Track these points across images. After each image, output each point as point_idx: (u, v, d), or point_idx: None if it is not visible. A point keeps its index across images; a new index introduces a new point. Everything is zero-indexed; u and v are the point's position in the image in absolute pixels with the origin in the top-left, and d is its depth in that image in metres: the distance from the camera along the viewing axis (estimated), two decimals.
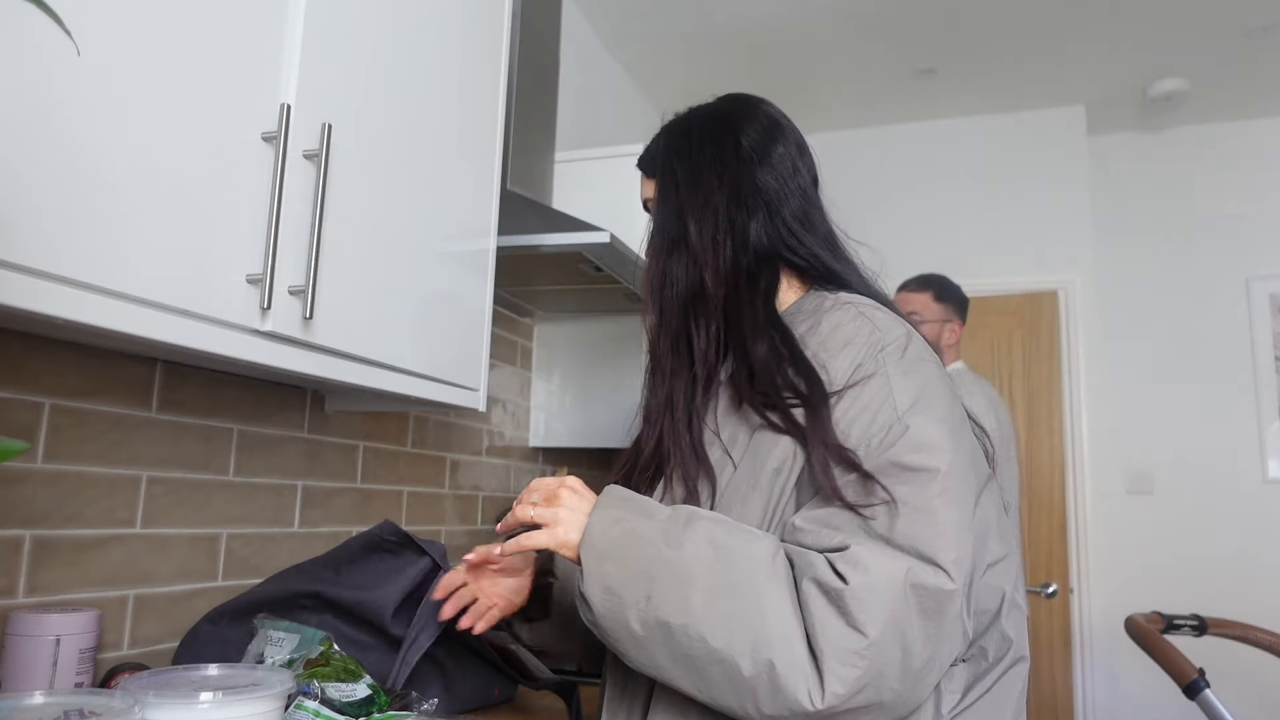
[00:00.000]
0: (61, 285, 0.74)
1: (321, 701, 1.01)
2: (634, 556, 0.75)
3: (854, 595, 0.68)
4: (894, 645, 0.68)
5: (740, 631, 0.70)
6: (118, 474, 1.16)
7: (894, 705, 0.71)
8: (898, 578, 0.69)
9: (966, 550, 0.72)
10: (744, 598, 0.71)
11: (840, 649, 0.68)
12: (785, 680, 0.68)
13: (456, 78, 1.42)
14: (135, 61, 0.82)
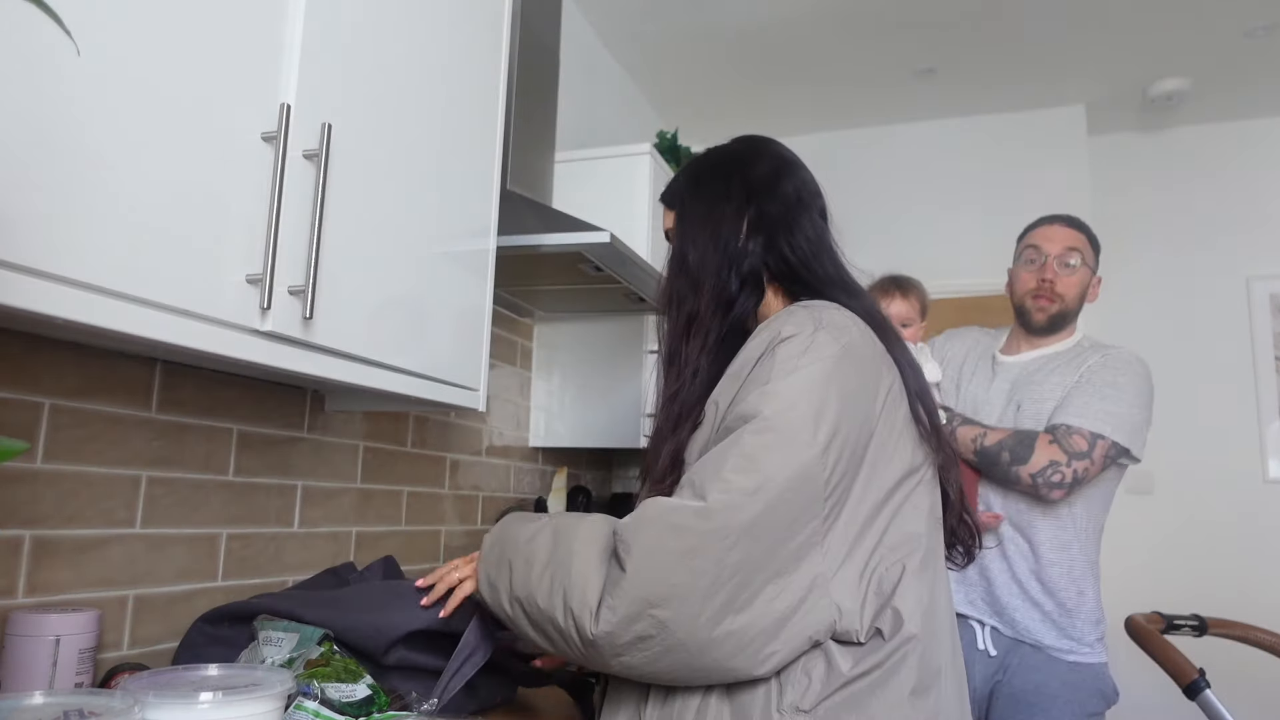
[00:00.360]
0: (61, 285, 0.74)
1: (321, 701, 1.01)
2: (503, 553, 0.95)
3: (622, 538, 0.82)
4: (652, 576, 0.78)
5: (556, 592, 0.85)
6: (118, 474, 1.16)
7: (681, 641, 0.79)
8: (653, 515, 0.81)
9: (756, 489, 0.79)
10: (562, 566, 0.86)
11: (612, 585, 0.81)
12: (578, 619, 0.82)
13: (456, 78, 1.42)
14: (135, 61, 0.82)
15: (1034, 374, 1.76)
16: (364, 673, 1.10)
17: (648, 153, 2.33)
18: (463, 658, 1.11)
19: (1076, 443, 1.60)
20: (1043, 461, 1.59)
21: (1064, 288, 1.75)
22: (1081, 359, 1.73)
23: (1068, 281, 1.75)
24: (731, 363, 0.94)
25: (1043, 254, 1.77)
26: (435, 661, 1.15)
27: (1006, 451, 1.63)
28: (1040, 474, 1.59)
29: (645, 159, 2.33)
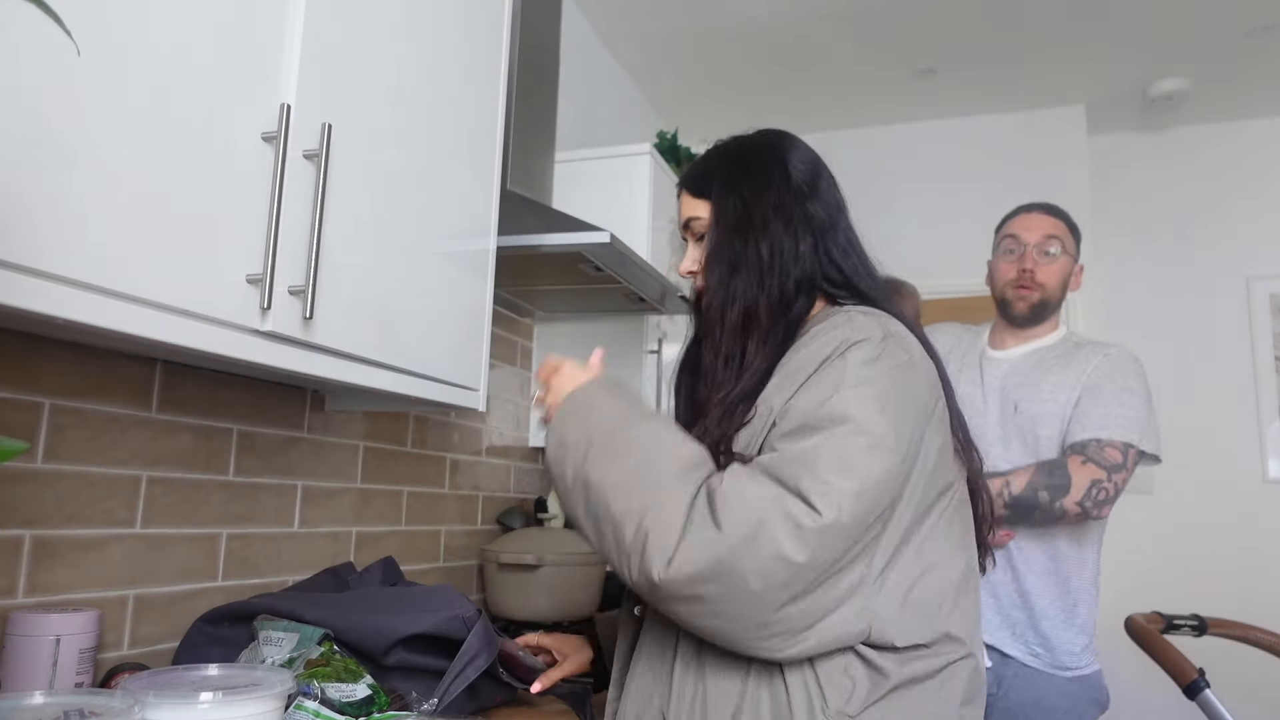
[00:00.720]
0: (61, 285, 0.74)
1: (321, 701, 1.01)
2: (591, 423, 0.90)
3: (724, 497, 0.79)
4: (746, 555, 0.76)
5: (637, 505, 0.82)
6: (118, 474, 1.16)
7: (736, 613, 0.78)
8: (768, 495, 0.79)
9: (849, 504, 0.79)
10: (651, 481, 0.83)
11: (698, 539, 0.78)
12: (648, 552, 0.79)
13: (456, 78, 1.42)
14: (135, 62, 0.82)
15: (1029, 371, 1.71)
16: (364, 673, 1.10)
17: (648, 153, 2.33)
18: (465, 660, 1.11)
19: (1111, 455, 1.56)
20: (1084, 484, 1.54)
21: (1045, 276, 1.71)
22: (1081, 359, 1.67)
23: (1049, 270, 1.71)
24: (784, 361, 0.93)
25: (1022, 243, 1.73)
26: (435, 662, 1.15)
27: (1043, 490, 1.55)
28: (1086, 498, 1.54)
29: (645, 159, 2.33)
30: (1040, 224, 1.74)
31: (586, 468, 0.86)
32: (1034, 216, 1.76)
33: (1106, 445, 1.56)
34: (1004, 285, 1.75)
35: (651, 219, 2.31)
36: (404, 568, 1.78)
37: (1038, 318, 1.74)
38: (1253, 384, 3.51)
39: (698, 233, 1.08)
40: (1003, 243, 1.78)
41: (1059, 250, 1.72)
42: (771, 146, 1.07)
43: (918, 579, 0.87)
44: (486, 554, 1.99)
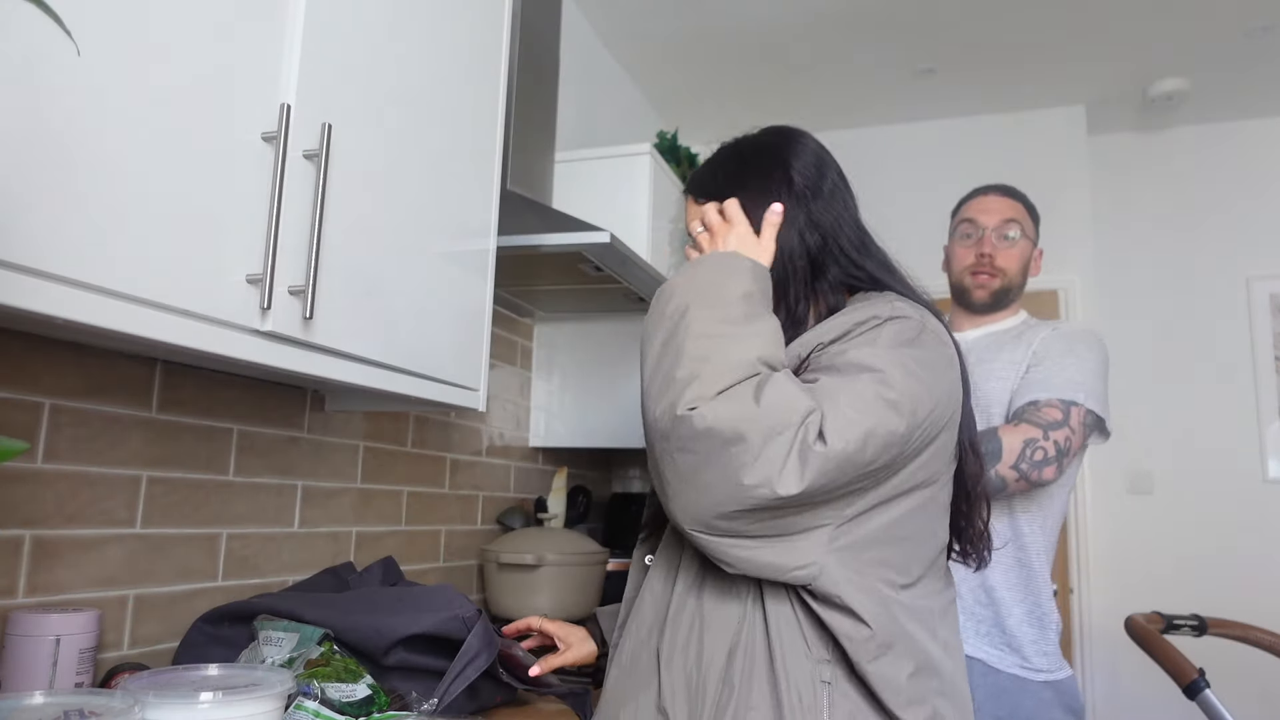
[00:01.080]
0: (61, 285, 0.74)
1: (321, 701, 1.01)
2: (723, 280, 0.92)
3: (775, 384, 0.83)
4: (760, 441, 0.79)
5: (703, 351, 0.85)
6: (118, 474, 1.16)
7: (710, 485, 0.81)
8: (802, 408, 0.81)
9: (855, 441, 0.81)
10: (730, 343, 0.86)
11: (735, 401, 0.81)
12: (691, 390, 0.83)
13: (456, 78, 1.42)
14: (135, 61, 0.82)
15: (981, 352, 1.63)
16: (364, 673, 1.10)
17: (648, 153, 2.33)
18: (465, 660, 1.11)
19: (1048, 414, 1.46)
20: (1016, 446, 1.43)
21: (1005, 261, 1.63)
22: (1032, 334, 1.60)
23: (1008, 255, 1.63)
24: (823, 325, 0.96)
25: (979, 227, 1.65)
26: (435, 662, 1.15)
27: (992, 466, 1.46)
28: (1021, 459, 1.42)
29: (645, 159, 2.33)
30: (998, 206, 1.65)
31: (692, 304, 0.89)
32: (991, 199, 1.67)
33: (1045, 405, 1.47)
34: (961, 271, 1.67)
35: (651, 219, 2.31)
36: (404, 568, 1.78)
37: (998, 304, 1.66)
38: (1253, 384, 3.51)
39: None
40: (959, 227, 1.70)
41: (1018, 234, 1.64)
42: (773, 148, 1.07)
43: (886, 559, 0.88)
44: (486, 554, 1.99)
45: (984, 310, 1.67)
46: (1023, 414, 1.48)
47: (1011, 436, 1.43)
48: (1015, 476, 1.43)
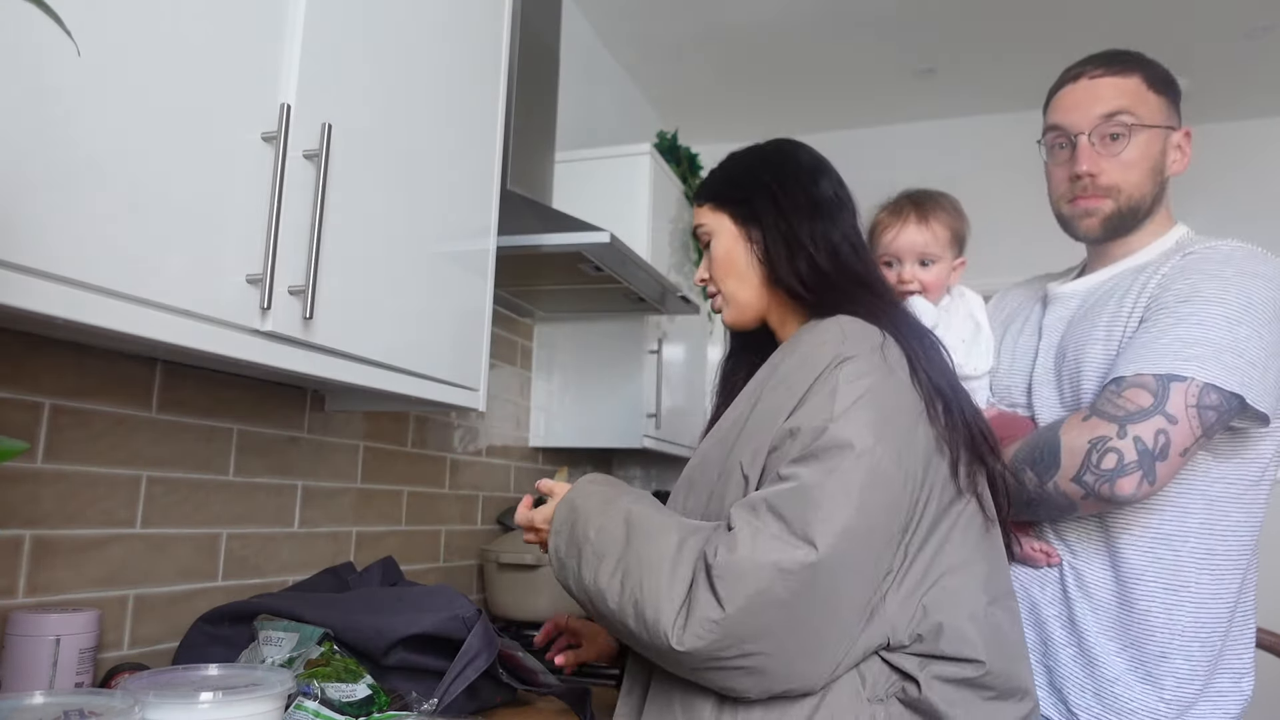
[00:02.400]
0: (61, 285, 0.74)
1: (321, 701, 1.01)
2: (574, 535, 0.94)
3: (719, 572, 0.80)
4: (751, 621, 0.78)
5: (628, 599, 0.85)
6: (118, 474, 1.16)
7: (779, 674, 0.81)
8: (765, 561, 0.79)
9: (853, 528, 0.80)
10: (633, 575, 0.85)
11: (702, 616, 0.79)
12: (654, 631, 0.82)
13: (456, 78, 1.42)
14: (135, 61, 0.82)
15: (1096, 303, 1.18)
16: (364, 673, 1.10)
17: (648, 153, 2.33)
18: (465, 661, 1.11)
19: (1131, 399, 1.02)
20: (1079, 449, 1.03)
21: (1113, 174, 1.16)
22: (1154, 270, 1.13)
23: (1119, 164, 1.16)
24: (776, 362, 0.95)
25: (1069, 134, 1.19)
26: (435, 662, 1.15)
27: (1029, 469, 1.08)
28: (1086, 469, 1.02)
29: (645, 159, 2.33)
30: (1093, 95, 1.17)
31: (583, 580, 0.91)
32: (1082, 86, 1.19)
33: (1129, 385, 1.03)
34: (1058, 201, 1.24)
35: (651, 219, 2.31)
36: (404, 568, 1.78)
37: (1123, 229, 1.20)
38: None
39: (704, 240, 1.12)
40: (1047, 136, 1.24)
41: (1131, 123, 1.15)
42: (764, 157, 1.10)
43: (929, 589, 0.88)
44: (486, 554, 1.99)
45: (1109, 239, 1.22)
46: (1098, 400, 1.07)
47: (1074, 435, 1.05)
48: (1080, 493, 1.04)
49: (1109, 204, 1.18)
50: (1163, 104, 1.19)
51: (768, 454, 0.88)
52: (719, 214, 1.10)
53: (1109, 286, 1.19)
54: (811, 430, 0.84)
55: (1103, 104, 1.16)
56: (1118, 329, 1.12)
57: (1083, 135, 1.17)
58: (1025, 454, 1.09)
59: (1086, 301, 1.21)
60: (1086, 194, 1.18)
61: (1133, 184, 1.17)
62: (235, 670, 0.95)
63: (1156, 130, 1.16)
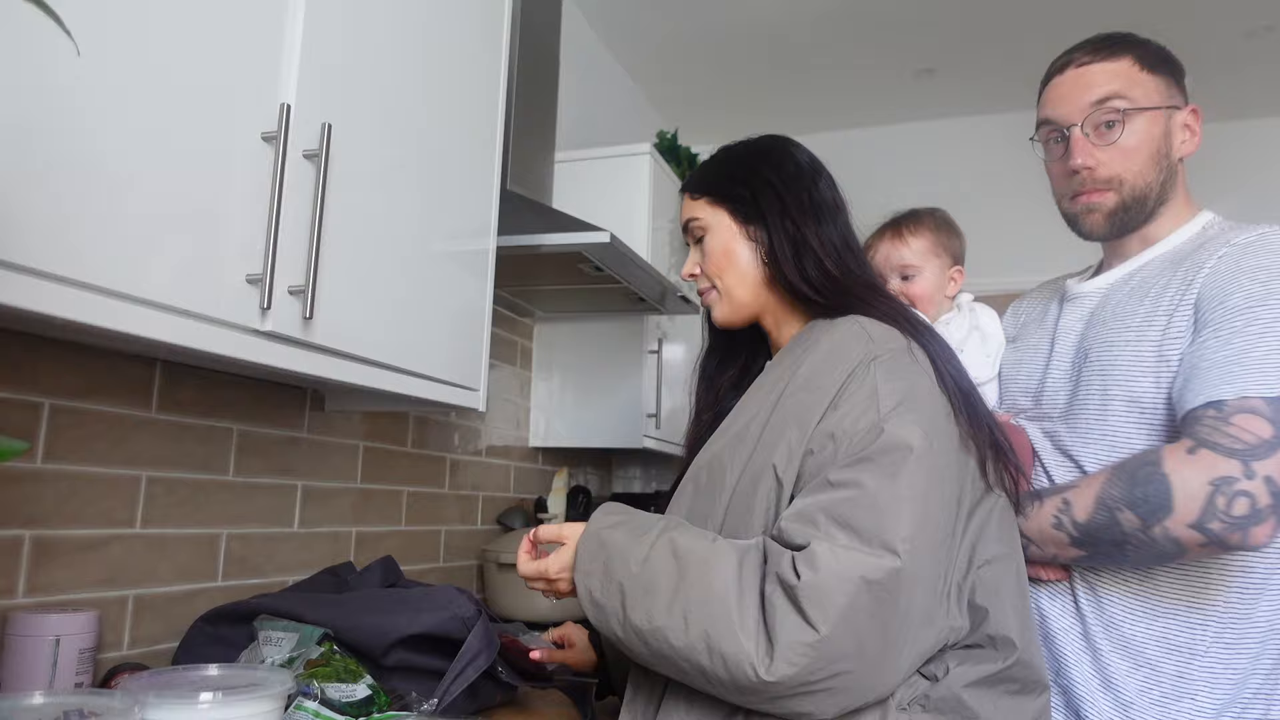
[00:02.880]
0: (61, 285, 0.74)
1: (321, 702, 1.01)
2: (610, 573, 0.86)
3: (805, 593, 0.75)
4: (847, 638, 0.75)
5: (697, 633, 0.79)
6: (118, 474, 1.16)
7: (860, 689, 0.78)
8: (851, 575, 0.76)
9: (923, 532, 0.79)
10: (700, 605, 0.79)
11: (792, 640, 0.75)
12: (737, 665, 0.76)
13: (456, 78, 1.42)
14: (135, 61, 0.82)
15: (1122, 300, 1.09)
16: (364, 673, 1.10)
17: (648, 153, 2.33)
18: (465, 661, 1.11)
19: (1246, 428, 0.89)
20: (1199, 490, 0.90)
21: (1112, 165, 1.09)
22: (1194, 262, 1.02)
23: (1117, 153, 1.08)
24: (790, 366, 0.93)
25: (1061, 126, 1.12)
26: (435, 662, 1.15)
27: (1127, 509, 0.94)
28: (1210, 513, 0.89)
29: (645, 159, 2.33)
30: (1085, 83, 1.11)
31: (631, 619, 0.83)
32: (1071, 76, 1.13)
33: (1237, 411, 0.90)
34: (1060, 198, 1.17)
35: (651, 219, 2.31)
36: (404, 568, 1.78)
37: (1131, 223, 1.12)
38: None
39: (696, 235, 1.09)
40: (1041, 132, 1.18)
41: (1125, 108, 1.08)
42: (764, 154, 1.08)
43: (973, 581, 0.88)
44: (486, 554, 1.99)
45: (1120, 235, 1.14)
46: (1197, 426, 0.93)
47: (1188, 474, 0.91)
48: (1200, 540, 0.91)
49: (1112, 197, 1.10)
50: (1160, 83, 1.12)
51: (803, 457, 0.85)
52: (716, 209, 1.07)
53: (1136, 282, 1.10)
54: (862, 433, 0.82)
55: (1093, 91, 1.10)
56: (1154, 329, 1.02)
57: (1075, 127, 1.10)
58: (1121, 492, 0.95)
59: (1110, 299, 1.12)
60: (1086, 189, 1.11)
61: (1135, 172, 1.09)
62: (235, 670, 0.95)
63: (1156, 112, 1.09)
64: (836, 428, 0.84)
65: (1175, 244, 1.10)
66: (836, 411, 0.85)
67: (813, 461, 0.84)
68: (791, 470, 0.85)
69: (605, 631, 0.86)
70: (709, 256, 1.07)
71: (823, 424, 0.85)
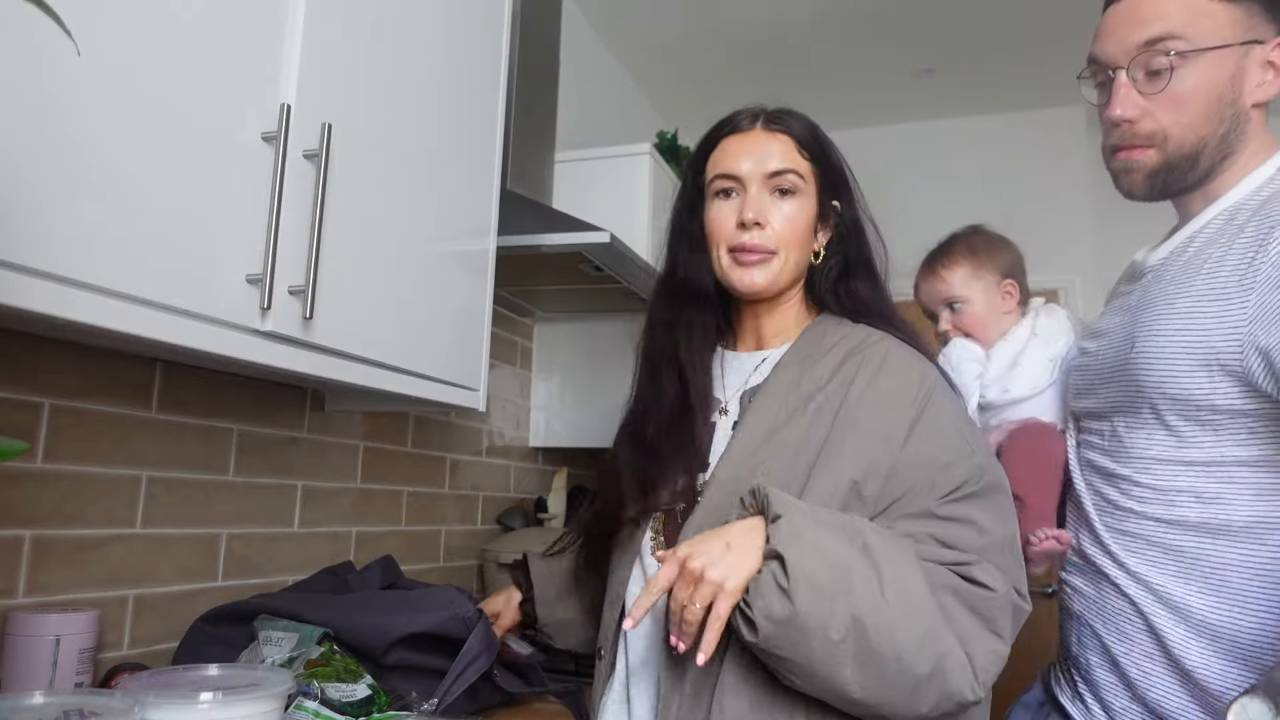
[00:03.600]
0: (61, 285, 0.74)
1: (321, 701, 1.01)
2: (832, 552, 0.76)
3: (997, 603, 0.80)
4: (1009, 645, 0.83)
5: (917, 629, 0.76)
6: (118, 474, 1.16)
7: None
8: (1009, 592, 0.83)
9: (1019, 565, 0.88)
10: (915, 596, 0.77)
11: (988, 650, 0.79)
12: (952, 675, 0.77)
13: (456, 78, 1.42)
14: (135, 61, 0.82)
15: (1179, 271, 0.94)
16: (364, 673, 1.10)
17: (648, 153, 2.33)
18: (466, 662, 1.11)
19: None
20: None
21: (1160, 117, 0.93)
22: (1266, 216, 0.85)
23: (1166, 101, 0.92)
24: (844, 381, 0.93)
25: (1105, 68, 0.97)
26: (435, 662, 1.15)
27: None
28: None
29: (645, 159, 2.32)
30: (1137, 17, 0.93)
31: (856, 605, 0.74)
32: (1127, 5, 0.94)
33: None
34: (1104, 153, 1.02)
35: (652, 219, 2.31)
36: (404, 568, 1.78)
37: (1179, 184, 0.97)
38: None
39: (785, 187, 0.97)
40: (1087, 69, 1.02)
41: (1183, 49, 0.90)
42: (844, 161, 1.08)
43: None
44: (486, 554, 1.99)
45: (1167, 199, 1.01)
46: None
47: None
48: None
49: (1153, 155, 0.94)
50: (1237, 12, 0.90)
51: (885, 480, 0.87)
52: (814, 183, 0.99)
53: (1192, 251, 0.92)
54: (963, 467, 0.87)
55: (1146, 27, 0.91)
56: (1205, 313, 0.85)
57: (1121, 70, 0.93)
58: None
59: (1164, 274, 0.96)
60: (1125, 144, 0.96)
61: (1184, 126, 0.91)
62: (235, 670, 0.95)
63: (1222, 51, 0.88)
64: (927, 454, 0.87)
65: (1237, 198, 0.92)
66: (924, 437, 0.88)
67: (896, 484, 0.86)
68: (874, 488, 0.87)
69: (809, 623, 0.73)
70: (788, 220, 0.97)
71: (910, 446, 0.87)
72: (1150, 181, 0.97)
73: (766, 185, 0.97)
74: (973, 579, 0.81)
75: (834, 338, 0.98)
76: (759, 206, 0.96)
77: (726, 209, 0.99)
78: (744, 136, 1.00)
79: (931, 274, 1.38)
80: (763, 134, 0.99)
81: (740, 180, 0.98)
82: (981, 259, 1.37)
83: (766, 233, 0.96)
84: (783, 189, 0.97)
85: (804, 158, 0.98)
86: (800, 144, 0.99)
